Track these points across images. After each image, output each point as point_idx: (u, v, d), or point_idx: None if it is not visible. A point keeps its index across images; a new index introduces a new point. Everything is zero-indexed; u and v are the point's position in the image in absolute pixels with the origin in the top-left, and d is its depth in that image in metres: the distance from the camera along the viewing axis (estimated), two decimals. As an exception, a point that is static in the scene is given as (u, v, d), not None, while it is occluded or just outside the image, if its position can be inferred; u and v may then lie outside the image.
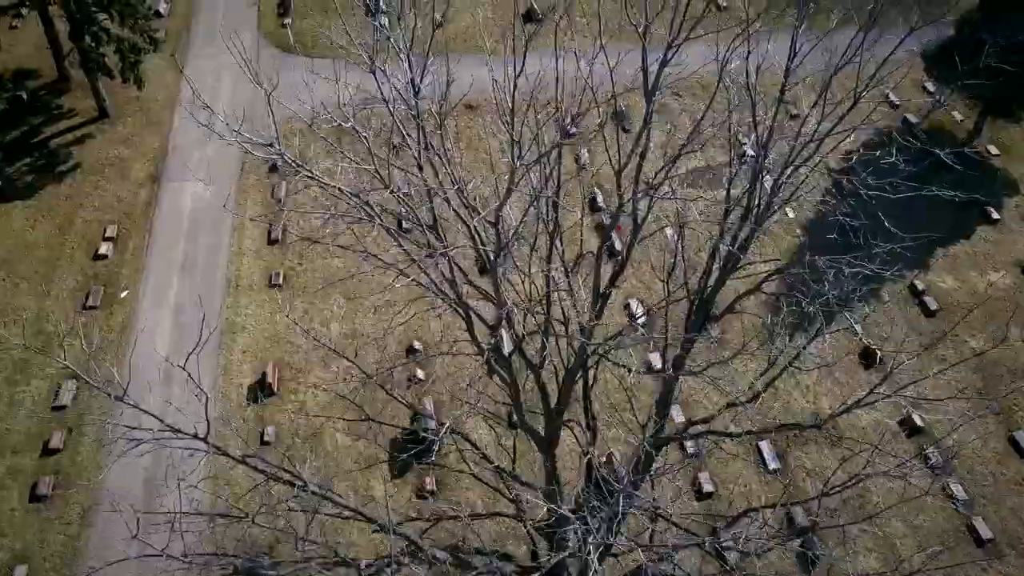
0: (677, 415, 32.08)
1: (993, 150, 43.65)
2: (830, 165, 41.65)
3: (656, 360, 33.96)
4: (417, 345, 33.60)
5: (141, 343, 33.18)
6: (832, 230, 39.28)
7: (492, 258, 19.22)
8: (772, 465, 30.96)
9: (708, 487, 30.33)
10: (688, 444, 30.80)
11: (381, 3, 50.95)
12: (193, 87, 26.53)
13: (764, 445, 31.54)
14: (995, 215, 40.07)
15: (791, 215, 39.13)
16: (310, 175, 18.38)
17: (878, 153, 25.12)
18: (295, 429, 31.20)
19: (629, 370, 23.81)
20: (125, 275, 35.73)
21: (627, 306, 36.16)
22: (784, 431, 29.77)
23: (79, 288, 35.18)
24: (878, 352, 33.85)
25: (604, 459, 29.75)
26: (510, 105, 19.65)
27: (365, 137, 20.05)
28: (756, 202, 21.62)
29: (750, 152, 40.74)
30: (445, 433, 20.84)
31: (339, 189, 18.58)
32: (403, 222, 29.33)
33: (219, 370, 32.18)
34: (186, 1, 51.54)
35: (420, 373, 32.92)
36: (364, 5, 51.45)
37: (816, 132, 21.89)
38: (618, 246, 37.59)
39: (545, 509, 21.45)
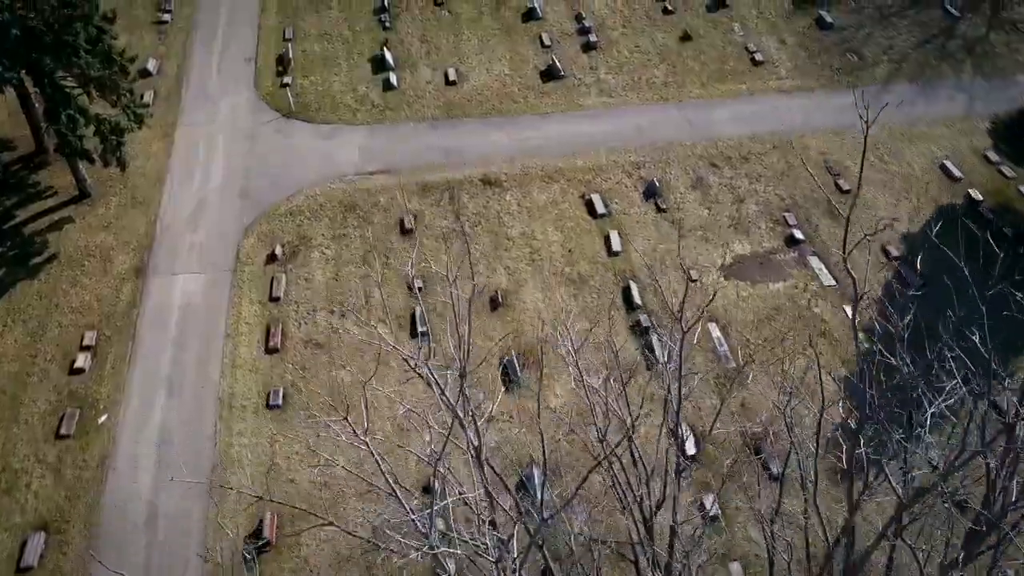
0: None
1: (1067, 229, 39.58)
2: (889, 251, 37.71)
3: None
4: (436, 484, 29.37)
5: (120, 482, 29.21)
6: (901, 328, 35.33)
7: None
8: None
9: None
10: None
11: (388, 58, 46.82)
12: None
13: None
14: (1079, 310, 35.93)
15: (851, 314, 34.90)
16: None
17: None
18: (296, 594, 27.08)
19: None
20: (104, 394, 31.53)
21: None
22: None
23: (52, 411, 30.98)
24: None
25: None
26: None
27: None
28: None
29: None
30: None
31: None
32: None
33: (209, 521, 27.99)
34: (177, 57, 47.40)
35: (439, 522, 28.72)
36: (369, 60, 47.37)
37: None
38: (659, 352, 33.40)
39: None
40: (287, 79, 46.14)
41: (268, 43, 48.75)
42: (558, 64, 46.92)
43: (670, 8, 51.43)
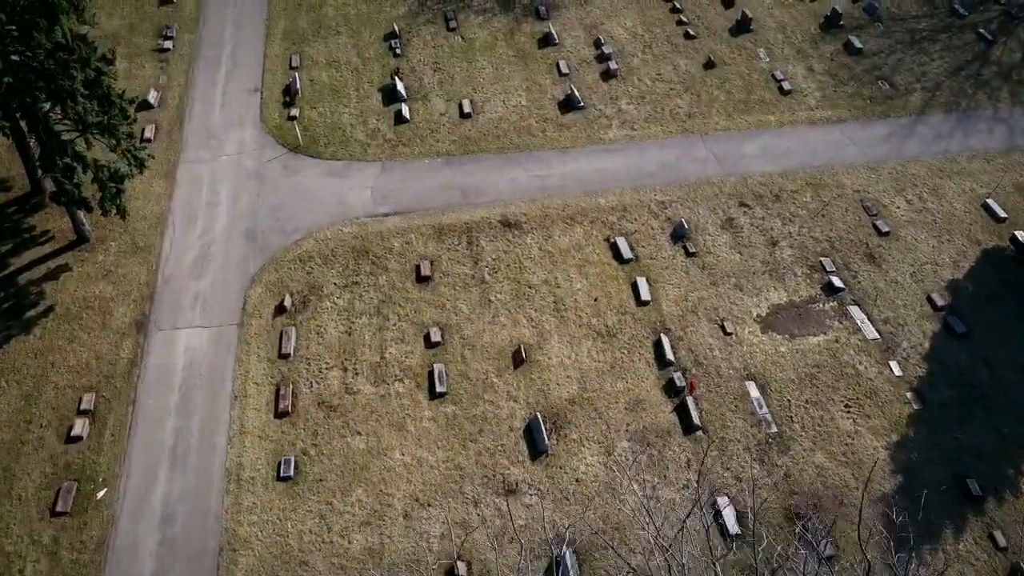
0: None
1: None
2: (935, 300, 35.55)
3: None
4: (461, 569, 27.24)
5: (121, 567, 27.12)
6: (951, 387, 33.15)
7: None
8: None
9: None
10: None
11: (399, 88, 44.75)
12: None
13: None
14: None
15: (898, 371, 32.85)
16: None
17: None
18: None
19: None
20: (103, 465, 29.45)
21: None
22: None
23: (47, 484, 28.89)
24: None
25: None
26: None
27: None
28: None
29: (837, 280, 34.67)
30: None
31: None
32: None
33: (217, 613, 25.95)
34: (179, 88, 45.26)
35: (466, 612, 26.71)
36: (380, 90, 45.29)
37: None
38: (695, 415, 31.27)
39: None
40: (294, 111, 44.05)
41: (274, 72, 46.64)
42: (577, 94, 44.84)
43: (692, 33, 49.37)
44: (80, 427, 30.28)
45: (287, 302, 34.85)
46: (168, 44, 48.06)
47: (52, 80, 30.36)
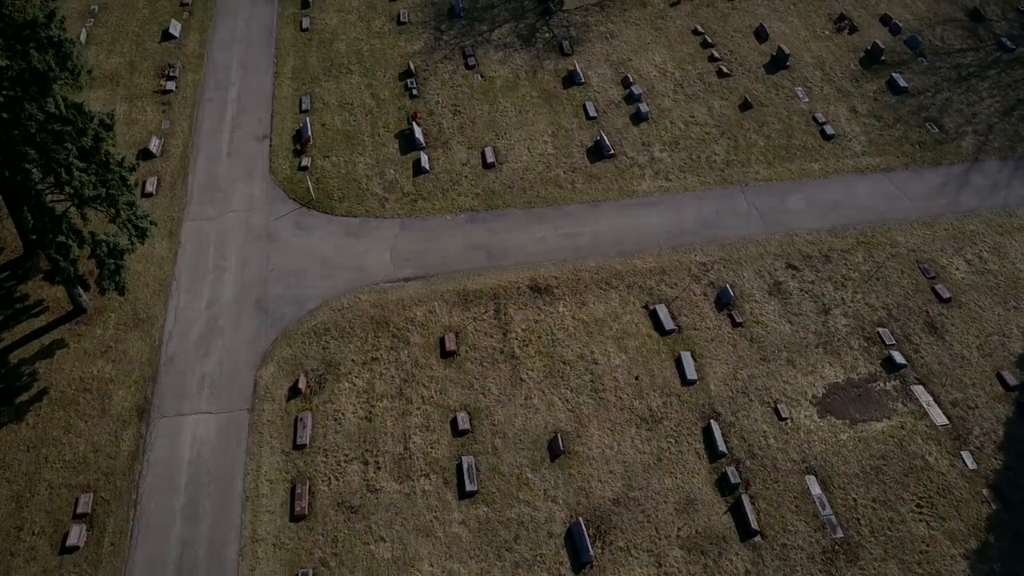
0: None
1: None
2: (1006, 379, 32.75)
3: None
4: None
5: None
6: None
7: None
8: None
9: None
10: None
11: (417, 134, 41.88)
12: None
13: None
14: None
15: (971, 464, 30.00)
16: None
17: None
18: None
19: None
20: (102, 582, 26.73)
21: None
22: None
23: (40, 605, 26.21)
24: None
25: None
26: None
27: None
28: None
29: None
30: None
31: None
32: None
33: None
34: (182, 135, 42.40)
35: None
36: (396, 136, 42.43)
37: None
38: (752, 518, 28.43)
39: None
40: (305, 160, 41.19)
41: (283, 116, 43.79)
42: (606, 140, 41.96)
43: (726, 71, 46.50)
44: (76, 535, 27.47)
45: (302, 383, 32.03)
46: (171, 85, 45.26)
47: (45, 152, 27.55)
